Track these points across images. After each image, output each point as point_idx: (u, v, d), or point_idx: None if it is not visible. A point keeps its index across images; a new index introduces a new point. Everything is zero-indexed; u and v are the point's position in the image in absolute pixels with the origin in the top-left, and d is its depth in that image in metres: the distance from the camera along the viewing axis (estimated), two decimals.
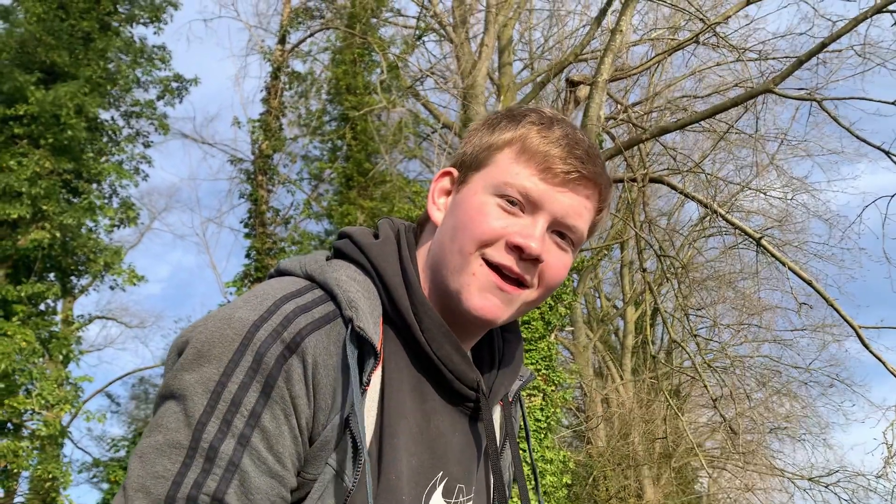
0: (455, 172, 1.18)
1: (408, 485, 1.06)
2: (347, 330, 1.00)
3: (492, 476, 1.21)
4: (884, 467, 9.95)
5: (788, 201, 14.85)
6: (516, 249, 1.08)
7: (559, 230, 1.12)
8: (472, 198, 1.12)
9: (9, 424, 11.99)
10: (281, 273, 1.13)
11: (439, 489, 1.12)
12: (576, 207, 1.11)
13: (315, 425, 0.99)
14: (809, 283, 10.12)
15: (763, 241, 10.37)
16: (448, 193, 1.19)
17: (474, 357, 1.22)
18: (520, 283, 1.10)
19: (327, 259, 1.14)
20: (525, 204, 1.10)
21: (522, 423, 1.31)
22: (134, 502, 0.94)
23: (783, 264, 10.16)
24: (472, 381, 1.13)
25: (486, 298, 1.09)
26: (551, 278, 1.13)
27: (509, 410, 1.27)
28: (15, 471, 12.02)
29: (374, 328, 1.03)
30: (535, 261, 1.09)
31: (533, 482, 1.23)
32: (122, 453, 16.88)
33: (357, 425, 0.97)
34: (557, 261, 1.12)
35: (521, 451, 1.34)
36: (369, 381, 1.01)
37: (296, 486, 1.00)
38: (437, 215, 1.17)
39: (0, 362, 10.93)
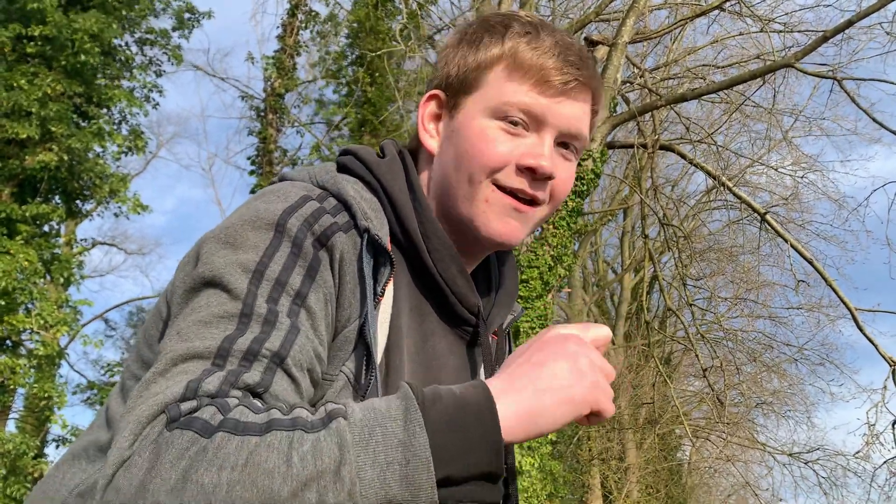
0: (442, 96, 1.13)
1: None
2: (363, 239, 0.98)
3: None
4: (864, 446, 10.11)
5: (798, 179, 14.76)
6: (528, 171, 1.07)
7: (564, 141, 1.11)
8: (471, 123, 1.08)
9: (8, 341, 12.13)
10: (289, 180, 1.09)
11: None
12: (577, 115, 1.09)
13: (336, 322, 0.97)
14: (810, 262, 10.16)
15: (767, 217, 10.37)
16: (437, 118, 1.14)
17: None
18: (533, 202, 1.10)
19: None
20: (528, 122, 1.07)
21: None
22: (177, 378, 0.81)
23: (785, 241, 10.18)
24: (472, 305, 1.13)
25: (506, 223, 1.09)
26: (561, 192, 1.12)
27: (501, 343, 1.26)
28: (11, 387, 12.21)
29: (386, 241, 1.02)
30: (546, 178, 1.08)
31: None
32: (118, 378, 17.09)
33: (371, 336, 0.96)
34: (566, 174, 1.12)
35: None
36: (384, 291, 0.99)
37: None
38: (430, 143, 1.14)
39: (1, 280, 11.02)
